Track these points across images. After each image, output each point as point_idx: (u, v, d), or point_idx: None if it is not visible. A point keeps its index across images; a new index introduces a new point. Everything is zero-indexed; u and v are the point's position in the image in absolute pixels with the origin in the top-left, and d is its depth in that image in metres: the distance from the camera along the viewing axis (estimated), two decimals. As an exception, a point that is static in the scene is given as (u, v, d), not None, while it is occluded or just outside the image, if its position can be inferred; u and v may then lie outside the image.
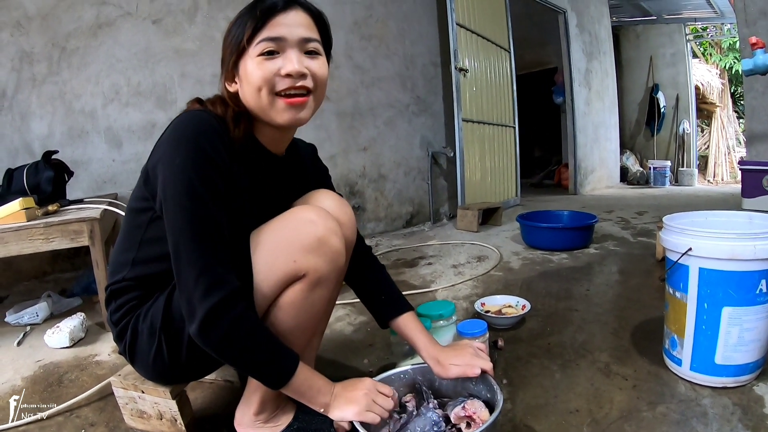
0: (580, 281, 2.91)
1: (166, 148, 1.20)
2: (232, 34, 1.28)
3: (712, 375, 1.60)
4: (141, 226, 1.30)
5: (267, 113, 1.29)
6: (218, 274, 1.13)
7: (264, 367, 1.19)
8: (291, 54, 1.25)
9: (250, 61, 1.24)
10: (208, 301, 1.09)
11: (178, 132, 1.20)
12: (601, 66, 8.50)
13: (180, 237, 1.13)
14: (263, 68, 1.23)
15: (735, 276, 1.49)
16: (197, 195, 1.14)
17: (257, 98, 1.26)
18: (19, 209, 2.27)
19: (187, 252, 1.12)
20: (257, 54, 1.23)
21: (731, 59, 10.72)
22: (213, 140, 1.20)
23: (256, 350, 1.17)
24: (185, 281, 1.12)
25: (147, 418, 1.51)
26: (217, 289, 1.11)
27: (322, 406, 1.27)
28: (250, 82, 1.25)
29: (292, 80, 1.25)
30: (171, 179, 1.15)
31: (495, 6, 6.02)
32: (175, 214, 1.14)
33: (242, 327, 1.13)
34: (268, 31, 1.23)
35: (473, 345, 1.54)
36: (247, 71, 1.25)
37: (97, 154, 3.60)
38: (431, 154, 5.35)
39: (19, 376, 2.05)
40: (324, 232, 1.26)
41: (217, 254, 1.14)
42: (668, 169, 9.13)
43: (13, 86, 3.34)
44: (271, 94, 1.26)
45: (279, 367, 1.20)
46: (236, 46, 1.26)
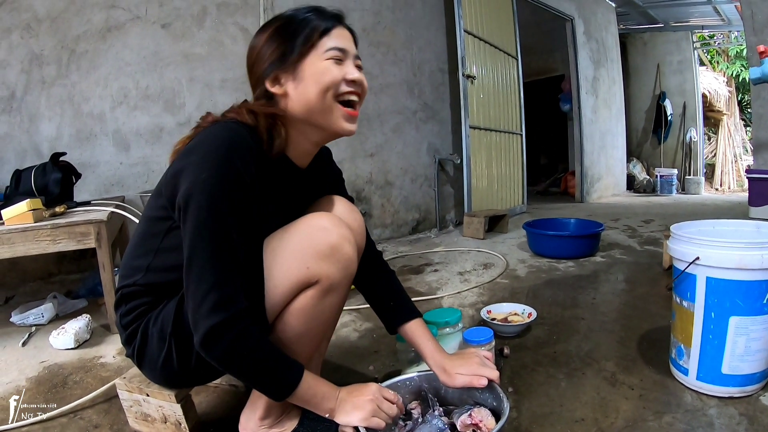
0: (586, 289, 2.90)
1: (194, 159, 1.17)
2: (285, 35, 1.30)
3: (719, 385, 1.59)
4: (158, 234, 1.30)
5: (325, 116, 1.32)
6: (226, 293, 1.12)
7: (267, 381, 1.20)
8: (350, 64, 1.33)
9: (321, 62, 1.28)
10: (211, 319, 1.10)
11: (209, 145, 1.18)
12: (608, 73, 8.49)
13: (195, 251, 1.13)
14: (334, 71, 1.28)
15: (742, 285, 1.48)
16: (219, 213, 1.14)
17: (321, 99, 1.29)
18: (26, 210, 2.29)
19: (199, 267, 1.12)
20: (327, 58, 1.28)
21: (738, 67, 10.70)
22: (245, 157, 1.19)
23: (259, 366, 1.17)
24: (193, 294, 1.12)
25: (151, 422, 1.51)
26: (222, 308, 1.11)
27: (328, 411, 1.27)
28: (317, 82, 1.28)
29: (354, 86, 1.33)
30: (195, 192, 1.14)
31: (503, 13, 6.03)
32: (193, 227, 1.14)
33: (244, 344, 1.14)
34: (335, 41, 1.30)
35: (480, 353, 1.53)
36: (314, 71, 1.28)
37: (105, 157, 3.61)
38: (438, 160, 5.35)
39: (23, 376, 2.05)
40: (337, 239, 1.27)
41: (229, 274, 1.14)
42: (675, 177, 9.10)
43: (22, 88, 3.35)
44: (334, 97, 1.30)
45: (282, 380, 1.21)
46: (301, 45, 1.28)
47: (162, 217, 1.28)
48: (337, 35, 1.31)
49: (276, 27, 1.31)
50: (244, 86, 3.86)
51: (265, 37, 1.32)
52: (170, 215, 1.26)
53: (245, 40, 4.00)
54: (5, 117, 3.33)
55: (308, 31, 1.28)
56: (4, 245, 2.24)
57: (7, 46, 3.30)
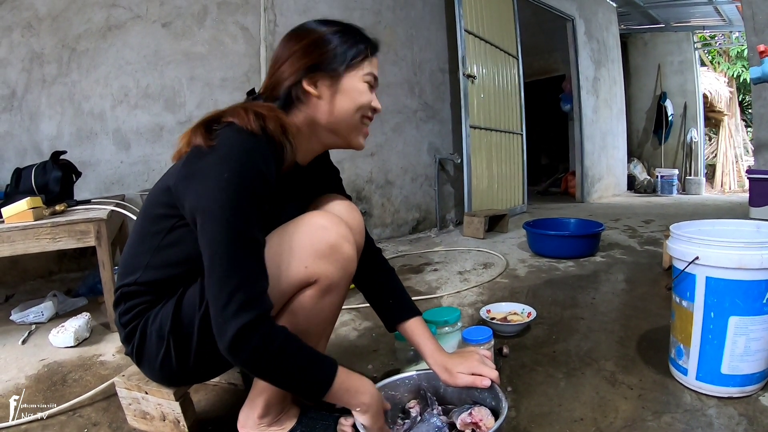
0: (586, 289, 2.90)
1: (212, 160, 1.16)
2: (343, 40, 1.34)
3: (718, 385, 1.59)
4: (160, 232, 1.29)
5: (349, 130, 1.39)
6: (253, 293, 1.11)
7: (301, 380, 1.18)
8: (375, 93, 1.41)
9: (360, 83, 1.35)
10: (239, 319, 1.07)
11: (228, 146, 1.16)
12: (609, 74, 8.49)
13: (217, 251, 1.11)
14: (368, 96, 1.37)
15: (742, 285, 1.48)
16: (243, 213, 1.12)
17: (351, 115, 1.36)
18: (26, 208, 2.29)
19: (223, 267, 1.10)
20: (365, 81, 1.36)
21: (739, 67, 10.69)
22: (265, 156, 1.18)
23: (291, 365, 1.15)
24: (217, 296, 1.10)
25: (150, 419, 1.51)
26: (250, 308, 1.09)
27: (360, 406, 1.25)
28: (354, 99, 1.34)
29: (374, 113, 1.42)
30: (216, 193, 1.12)
31: (503, 13, 6.03)
32: (215, 227, 1.11)
33: (274, 344, 1.12)
34: (373, 67, 1.38)
35: (479, 352, 1.53)
36: (353, 89, 1.34)
37: (105, 156, 3.61)
38: (438, 160, 5.36)
39: (23, 374, 2.05)
40: (336, 238, 1.27)
41: (254, 274, 1.12)
42: (676, 177, 9.10)
43: (23, 86, 3.36)
44: (361, 117, 1.38)
45: (317, 378, 1.19)
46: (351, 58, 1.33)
47: (165, 215, 1.28)
48: (374, 63, 1.39)
49: (334, 30, 1.34)
50: (244, 85, 3.89)
51: (318, 36, 1.33)
52: (175, 214, 1.26)
53: (246, 39, 4.01)
54: (6, 115, 3.33)
55: (358, 49, 1.34)
56: (4, 243, 2.24)
57: (8, 44, 3.30)
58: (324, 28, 1.34)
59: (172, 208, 1.25)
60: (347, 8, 4.54)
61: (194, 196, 1.16)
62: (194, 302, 1.23)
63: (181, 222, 1.25)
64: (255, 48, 4.06)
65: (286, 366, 1.15)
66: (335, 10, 4.45)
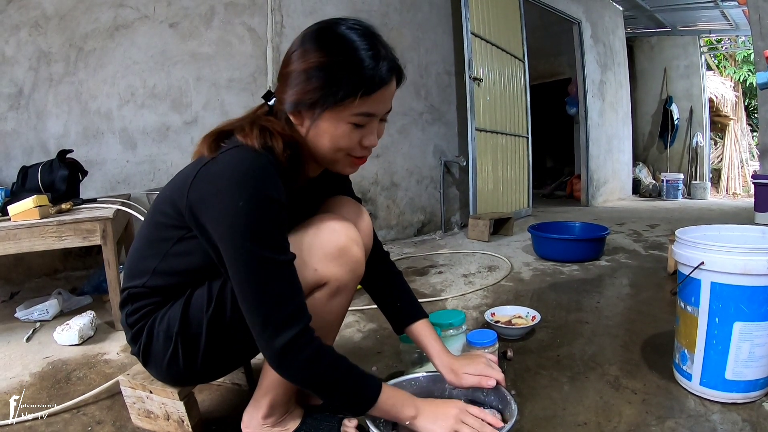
0: (590, 293, 2.90)
1: (223, 185, 1.14)
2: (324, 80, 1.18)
3: (722, 390, 1.59)
4: (168, 239, 1.29)
5: (333, 165, 1.33)
6: (287, 311, 1.13)
7: (349, 394, 1.22)
8: (374, 126, 1.28)
9: (341, 124, 1.22)
10: (286, 333, 1.11)
11: (238, 171, 1.14)
12: (615, 77, 8.48)
13: (244, 279, 1.13)
14: (351, 138, 1.24)
15: (747, 291, 1.48)
16: (263, 237, 1.13)
17: (332, 154, 1.27)
18: (32, 206, 2.30)
19: (253, 295, 1.12)
20: (350, 121, 1.22)
21: (745, 72, 10.65)
22: (275, 179, 1.16)
23: (340, 379, 1.19)
24: (253, 323, 1.13)
25: (154, 419, 1.51)
26: (294, 321, 1.13)
27: (408, 419, 1.27)
28: (331, 141, 1.24)
29: (367, 150, 1.30)
30: (233, 219, 1.11)
31: (510, 16, 6.03)
32: (238, 255, 1.12)
33: (324, 357, 1.16)
34: (369, 106, 1.21)
35: (486, 356, 1.54)
36: (334, 131, 1.23)
37: (112, 155, 3.62)
38: (444, 162, 5.35)
39: (27, 371, 2.06)
40: (345, 241, 1.28)
41: (284, 294, 1.14)
42: (681, 181, 9.06)
43: (30, 85, 3.37)
44: (346, 155, 1.29)
45: (363, 393, 1.23)
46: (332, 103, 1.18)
47: (172, 225, 1.28)
48: (376, 99, 1.21)
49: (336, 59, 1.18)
50: (250, 86, 3.90)
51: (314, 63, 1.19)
52: (182, 226, 1.26)
53: (252, 40, 4.02)
54: (13, 114, 3.34)
55: (349, 89, 1.17)
56: (10, 241, 2.25)
57: (16, 43, 3.31)
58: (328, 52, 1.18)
59: (179, 220, 1.25)
60: (354, 10, 4.53)
61: (212, 224, 1.16)
62: (202, 303, 1.25)
63: (189, 234, 1.25)
64: (262, 49, 4.07)
65: (336, 380, 1.19)
66: (343, 12, 4.44)
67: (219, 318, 1.24)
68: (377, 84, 1.19)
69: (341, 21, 1.23)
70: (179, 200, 1.23)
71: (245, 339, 1.25)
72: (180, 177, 1.29)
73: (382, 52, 1.21)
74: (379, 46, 1.22)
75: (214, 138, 1.24)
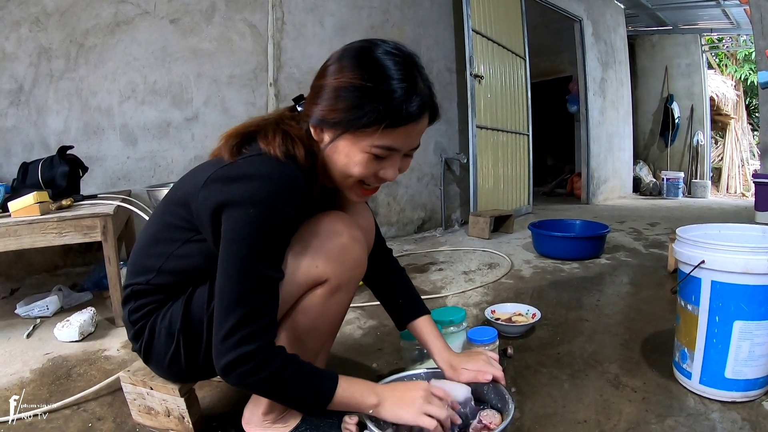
0: (590, 291, 2.90)
1: (242, 191, 1.12)
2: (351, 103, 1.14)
3: (722, 389, 1.59)
4: (176, 240, 1.29)
5: (341, 187, 1.29)
6: (256, 326, 1.12)
7: (300, 400, 1.20)
8: (395, 161, 1.23)
9: (358, 151, 1.18)
10: (236, 351, 1.09)
11: (260, 179, 1.13)
12: (616, 75, 8.47)
13: (228, 283, 1.11)
14: (367, 168, 1.20)
15: (747, 290, 1.48)
16: (261, 252, 1.12)
17: (343, 178, 1.24)
18: (33, 203, 2.30)
19: (231, 298, 1.11)
20: (368, 151, 1.17)
21: (746, 70, 10.64)
22: (294, 192, 1.16)
23: (287, 389, 1.16)
24: (221, 324, 1.11)
25: (155, 415, 1.51)
26: (250, 341, 1.10)
27: (371, 407, 1.24)
28: (345, 167, 1.21)
29: (382, 182, 1.27)
30: (239, 226, 1.11)
31: (511, 13, 6.02)
32: (231, 258, 1.12)
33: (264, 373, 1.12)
34: (391, 139, 1.17)
35: (487, 353, 1.54)
36: (348, 156, 1.19)
37: (112, 151, 3.61)
38: (444, 160, 5.36)
39: (27, 368, 2.06)
40: (348, 240, 1.28)
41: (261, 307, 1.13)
42: (681, 180, 9.06)
43: (30, 81, 3.36)
44: (357, 182, 1.26)
45: (317, 396, 1.19)
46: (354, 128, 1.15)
47: (182, 227, 1.27)
48: (401, 134, 1.17)
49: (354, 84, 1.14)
50: (251, 82, 3.91)
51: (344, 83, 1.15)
52: (192, 228, 1.25)
53: (253, 37, 4.01)
54: (13, 110, 3.33)
55: (373, 117, 1.12)
56: (11, 237, 2.25)
57: (16, 39, 3.31)
58: (361, 75, 1.14)
59: (189, 222, 1.25)
60: (355, 6, 4.53)
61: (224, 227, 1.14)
62: (204, 301, 1.25)
63: (197, 237, 1.25)
64: (263, 45, 4.06)
65: (281, 389, 1.16)
66: (343, 8, 4.45)
67: None
68: (404, 119, 1.15)
69: (382, 44, 1.19)
70: (191, 200, 1.22)
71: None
72: (193, 177, 1.27)
73: (418, 86, 1.17)
74: (417, 79, 1.18)
75: (237, 141, 1.22)
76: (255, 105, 4.04)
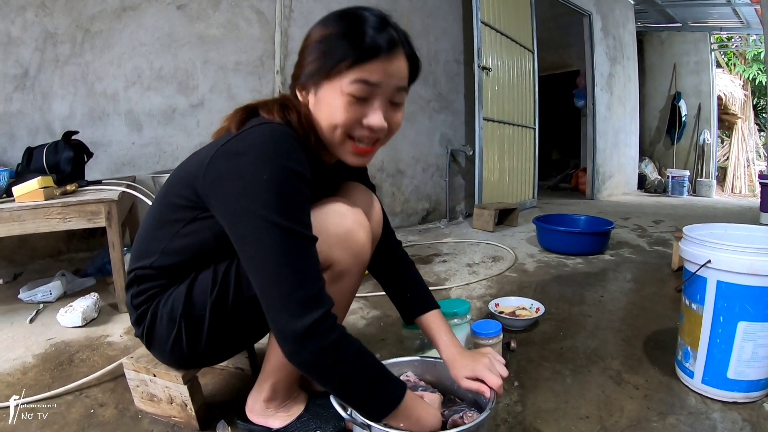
0: (594, 287, 2.90)
1: (245, 162, 1.11)
2: (323, 48, 1.18)
3: (724, 389, 1.59)
4: (180, 220, 1.27)
5: (333, 148, 1.26)
6: (314, 289, 1.09)
7: (366, 396, 1.16)
8: (378, 105, 1.20)
9: (337, 95, 1.17)
10: (306, 318, 1.05)
11: (263, 146, 1.12)
12: (624, 71, 8.44)
13: (267, 253, 1.07)
14: (349, 112, 1.18)
15: (753, 291, 1.48)
16: (289, 211, 1.09)
17: (330, 132, 1.22)
18: (37, 188, 2.30)
19: (277, 268, 1.06)
20: (347, 92, 1.16)
21: (755, 70, 10.61)
22: (300, 155, 1.15)
23: (358, 379, 1.13)
24: (272, 297, 1.07)
25: (157, 402, 1.51)
26: (314, 305, 1.07)
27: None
28: (329, 116, 1.20)
29: (370, 131, 1.22)
30: (257, 193, 1.08)
31: (520, 6, 6.00)
32: (262, 229, 1.07)
33: (346, 350, 1.10)
34: (367, 74, 1.15)
35: (490, 355, 1.49)
36: (329, 102, 1.19)
37: (117, 137, 3.61)
38: (450, 151, 5.35)
39: (30, 353, 2.07)
40: (352, 225, 1.26)
41: (310, 270, 1.10)
42: (687, 178, 9.03)
43: (36, 66, 3.35)
44: (345, 135, 1.22)
45: (385, 394, 1.16)
46: (326, 71, 1.17)
47: (186, 206, 1.26)
48: (375, 68, 1.16)
49: (333, 31, 1.18)
50: (258, 69, 3.90)
51: (311, 40, 1.22)
52: (197, 206, 1.24)
53: (260, 24, 4.00)
54: (18, 94, 3.33)
55: (341, 55, 1.15)
56: (15, 222, 2.25)
57: (22, 23, 3.30)
58: (324, 29, 1.20)
59: (194, 201, 1.24)
60: (363, -4, 4.51)
61: (231, 199, 1.12)
62: (207, 286, 1.24)
63: (203, 215, 1.24)
64: (270, 33, 4.05)
65: (355, 375, 1.12)
66: (351, -3, 4.42)
67: (223, 300, 1.23)
68: (373, 50, 1.15)
69: (366, 8, 1.21)
70: (197, 179, 1.21)
71: (249, 322, 1.26)
72: (197, 157, 1.26)
73: (390, 29, 1.18)
74: (389, 26, 1.19)
75: (243, 114, 1.24)
76: (261, 92, 4.03)
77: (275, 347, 1.31)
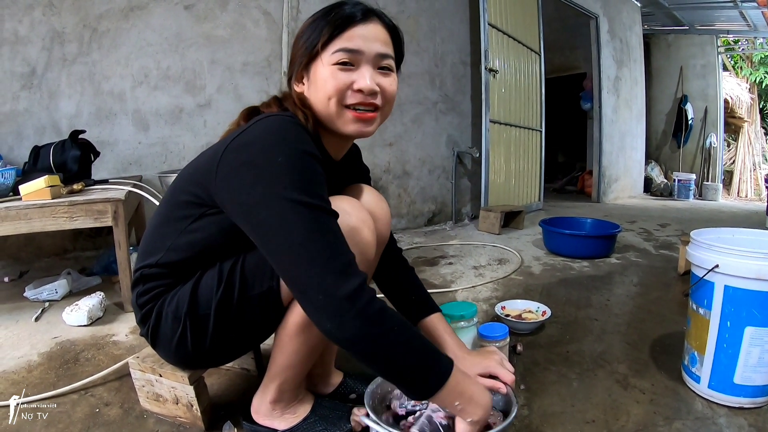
0: (600, 290, 2.89)
1: (257, 149, 1.13)
2: (306, 36, 1.27)
3: (730, 394, 1.58)
4: (187, 218, 1.27)
5: (333, 122, 1.28)
6: (348, 259, 1.08)
7: (414, 371, 1.11)
8: (365, 69, 1.24)
9: (324, 68, 1.23)
10: (347, 286, 1.03)
11: (274, 134, 1.14)
12: (630, 74, 8.42)
13: (295, 232, 1.06)
14: (337, 79, 1.22)
15: (760, 296, 1.47)
16: (309, 189, 1.09)
17: (326, 106, 1.25)
18: (44, 186, 2.31)
19: (306, 246, 1.05)
20: (332, 63, 1.22)
21: (762, 73, 10.58)
22: (310, 141, 1.17)
23: (405, 351, 1.10)
24: (308, 278, 1.05)
25: (163, 402, 1.51)
26: (352, 274, 1.06)
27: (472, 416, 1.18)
28: (321, 89, 1.24)
29: (362, 96, 1.24)
30: (273, 178, 1.08)
31: (527, 8, 5.99)
32: (285, 210, 1.07)
33: (392, 318, 1.08)
34: (345, 41, 1.22)
35: (498, 353, 1.51)
36: (318, 77, 1.24)
37: (124, 136, 3.62)
38: (456, 153, 5.34)
39: (35, 351, 2.07)
40: (356, 222, 1.25)
41: (340, 243, 1.10)
42: (693, 182, 8.99)
43: (43, 65, 3.36)
44: (340, 104, 1.25)
45: (432, 371, 1.13)
46: (310, 50, 1.25)
47: (195, 203, 1.26)
48: (352, 35, 1.23)
49: (307, 24, 1.29)
50: (265, 70, 3.90)
51: (300, 32, 1.30)
52: (205, 203, 1.24)
53: (267, 24, 4.01)
54: (25, 93, 3.34)
55: (319, 31, 1.24)
56: (21, 220, 2.26)
57: (29, 22, 3.31)
58: (306, 23, 1.30)
59: (203, 198, 1.24)
60: (371, -3, 4.51)
61: (247, 187, 1.12)
62: (212, 284, 1.24)
63: (212, 211, 1.24)
64: (277, 33, 4.05)
65: (406, 347, 1.10)
66: (358, -1, 4.42)
67: (228, 299, 1.23)
68: (347, 19, 1.23)
69: None
70: (208, 176, 1.21)
71: (255, 322, 1.26)
72: (207, 155, 1.27)
73: (364, 5, 1.28)
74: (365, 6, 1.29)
75: (247, 114, 1.30)
76: (268, 93, 4.01)
77: (282, 347, 1.31)
